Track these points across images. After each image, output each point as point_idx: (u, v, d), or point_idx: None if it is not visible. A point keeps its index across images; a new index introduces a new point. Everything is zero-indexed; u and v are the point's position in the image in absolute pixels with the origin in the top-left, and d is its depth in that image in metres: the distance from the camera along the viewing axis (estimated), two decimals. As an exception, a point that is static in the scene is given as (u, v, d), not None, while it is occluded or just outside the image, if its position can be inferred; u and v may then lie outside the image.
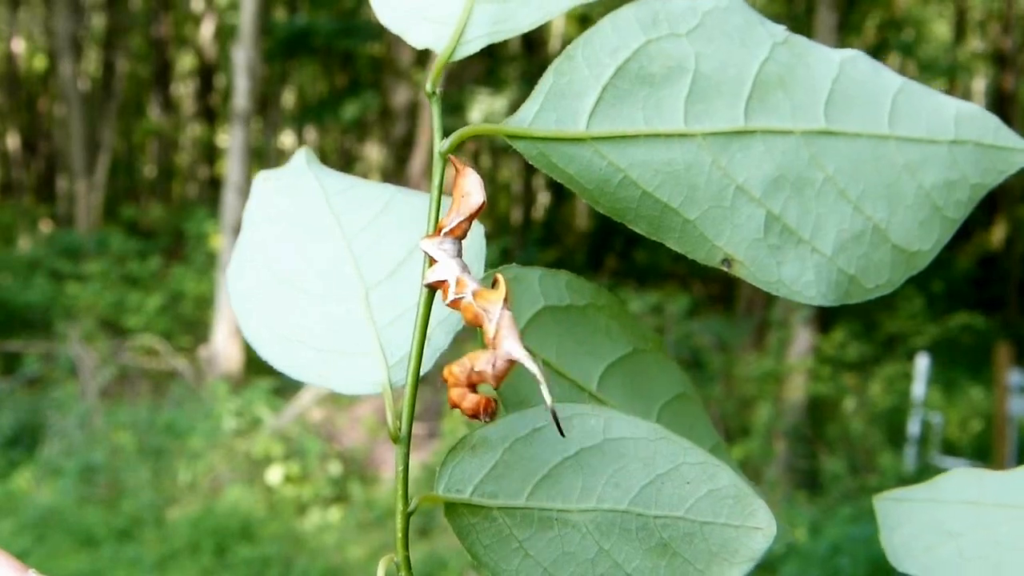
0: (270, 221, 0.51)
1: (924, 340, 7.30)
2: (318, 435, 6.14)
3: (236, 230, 5.80)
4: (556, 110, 0.41)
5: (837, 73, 0.43)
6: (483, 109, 10.53)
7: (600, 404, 0.46)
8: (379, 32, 12.09)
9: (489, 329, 0.38)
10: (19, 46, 16.10)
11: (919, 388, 6.61)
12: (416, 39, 0.45)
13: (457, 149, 0.46)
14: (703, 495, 0.39)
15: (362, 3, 13.52)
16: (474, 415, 0.39)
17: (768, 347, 7.20)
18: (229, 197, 7.50)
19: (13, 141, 15.76)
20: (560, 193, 14.87)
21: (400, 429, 0.42)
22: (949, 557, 0.42)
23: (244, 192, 7.60)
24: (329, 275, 0.48)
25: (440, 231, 0.42)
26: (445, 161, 0.44)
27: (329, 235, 0.50)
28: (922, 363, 6.62)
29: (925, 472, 6.12)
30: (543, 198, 15.89)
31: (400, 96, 11.26)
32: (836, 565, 4.51)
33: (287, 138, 16.26)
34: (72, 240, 10.42)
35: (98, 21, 15.65)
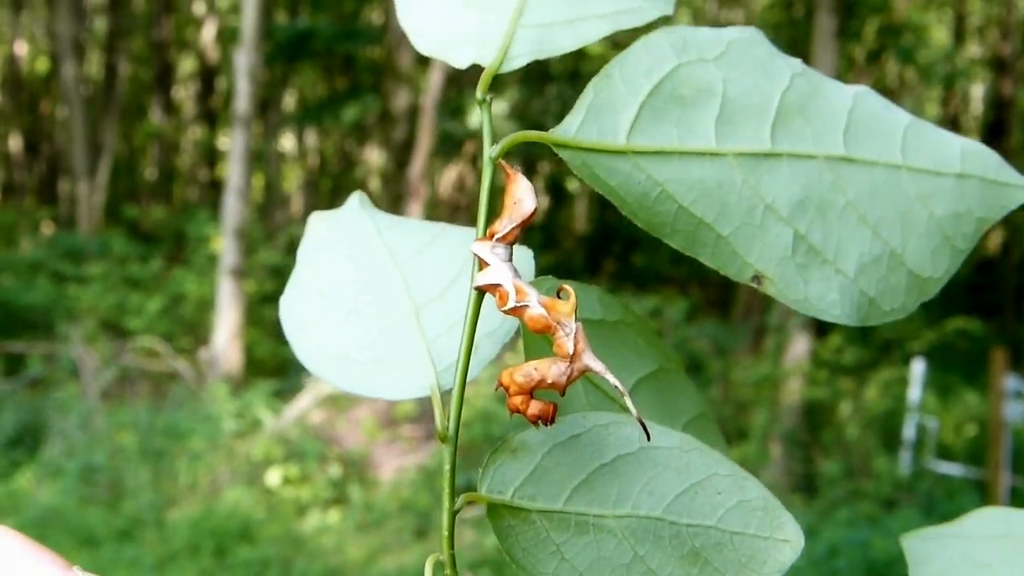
0: (323, 254, 0.52)
1: (920, 345, 7.31)
2: (318, 437, 6.16)
3: (236, 233, 5.79)
4: (598, 123, 0.43)
5: (852, 104, 0.45)
6: (483, 113, 10.55)
7: None
8: (379, 36, 12.11)
9: (567, 343, 0.39)
10: (21, 49, 16.13)
11: (915, 393, 6.63)
12: (460, 61, 0.47)
13: (455, 150, 0.48)
14: (733, 506, 0.40)
15: (363, 6, 13.55)
16: (536, 420, 0.40)
17: (765, 351, 7.23)
18: (230, 200, 7.52)
19: (15, 143, 15.79)
20: (559, 196, 14.89)
21: (448, 429, 0.43)
22: None
23: (244, 195, 7.64)
24: (380, 297, 0.49)
25: (492, 236, 0.43)
26: (495, 166, 0.44)
27: (380, 263, 0.51)
28: (918, 368, 6.64)
29: (920, 476, 6.14)
30: (542, 201, 15.92)
31: (400, 100, 11.28)
32: (832, 568, 4.53)
33: (287, 140, 16.29)
34: (74, 242, 10.44)
35: (100, 24, 15.68)
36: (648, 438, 0.40)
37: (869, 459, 6.17)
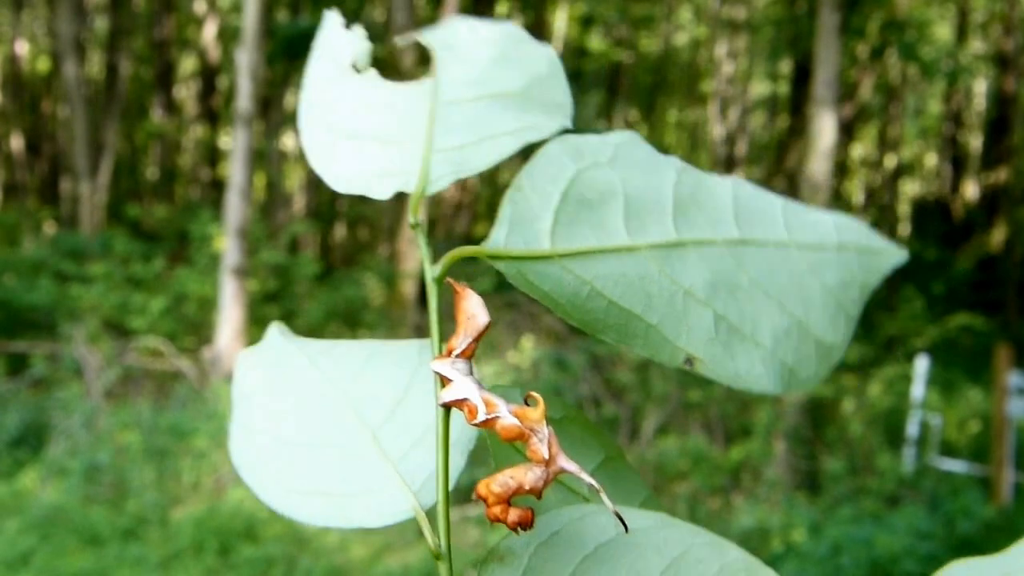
0: (260, 392, 0.52)
1: (924, 342, 7.31)
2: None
3: (239, 232, 5.77)
4: (522, 233, 0.45)
5: (733, 192, 0.48)
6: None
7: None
8: (381, 35, 12.10)
9: (540, 448, 0.40)
10: (22, 48, 16.14)
11: (918, 389, 6.62)
12: (382, 193, 0.49)
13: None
14: (716, 572, 0.41)
15: (364, 5, 13.54)
16: (516, 527, 0.41)
17: (769, 348, 7.22)
18: (232, 199, 7.53)
19: (17, 143, 15.81)
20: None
21: (440, 546, 0.44)
22: None
23: (247, 194, 7.64)
24: (331, 427, 0.50)
25: (450, 352, 0.44)
26: (440, 285, 0.46)
27: (321, 392, 0.51)
28: (921, 365, 6.64)
29: (924, 473, 6.14)
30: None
31: (402, 98, 11.26)
32: (836, 565, 4.53)
33: (289, 139, 16.30)
34: (76, 242, 10.45)
35: (101, 23, 15.69)
36: (626, 529, 0.41)
37: (873, 456, 6.17)
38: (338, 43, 0.58)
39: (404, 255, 9.45)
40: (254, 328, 7.84)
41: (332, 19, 0.59)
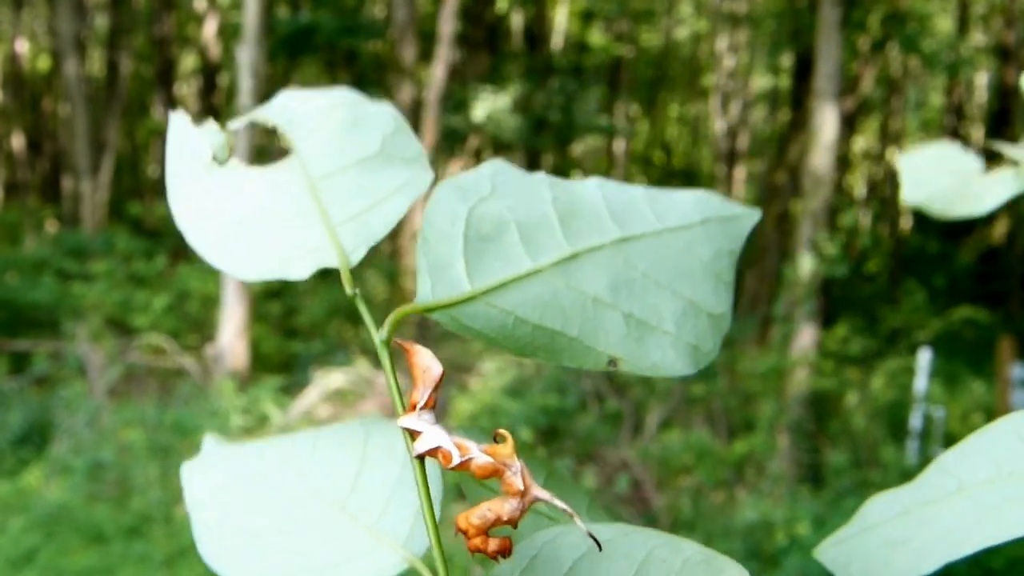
0: (215, 496, 0.53)
1: (927, 334, 7.30)
2: (324, 432, 6.16)
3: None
4: (443, 281, 0.48)
5: (600, 196, 0.52)
6: (486, 107, 10.54)
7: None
8: (382, 30, 12.09)
9: (515, 481, 0.43)
10: (23, 46, 16.14)
11: (921, 382, 6.62)
12: (300, 273, 0.50)
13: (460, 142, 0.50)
14: (680, 567, 0.43)
15: (364, 1, 13.53)
16: (496, 556, 0.43)
17: (771, 342, 7.22)
18: (234, 196, 7.52)
19: (18, 141, 15.81)
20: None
21: None
22: (913, 558, 0.45)
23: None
24: (298, 512, 0.51)
25: (414, 407, 0.46)
26: (389, 348, 0.49)
27: (277, 483, 0.52)
28: (924, 357, 6.63)
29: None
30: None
31: (403, 94, 11.27)
32: (840, 558, 4.53)
33: (291, 137, 16.28)
34: (78, 240, 10.46)
35: (101, 21, 15.68)
36: (599, 548, 0.43)
37: (876, 449, 6.17)
38: (191, 140, 0.57)
39: (406, 251, 9.46)
40: (257, 325, 7.84)
41: (177, 119, 0.58)
